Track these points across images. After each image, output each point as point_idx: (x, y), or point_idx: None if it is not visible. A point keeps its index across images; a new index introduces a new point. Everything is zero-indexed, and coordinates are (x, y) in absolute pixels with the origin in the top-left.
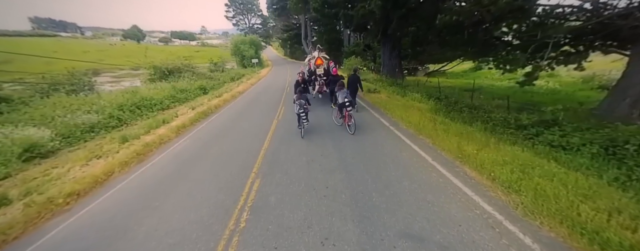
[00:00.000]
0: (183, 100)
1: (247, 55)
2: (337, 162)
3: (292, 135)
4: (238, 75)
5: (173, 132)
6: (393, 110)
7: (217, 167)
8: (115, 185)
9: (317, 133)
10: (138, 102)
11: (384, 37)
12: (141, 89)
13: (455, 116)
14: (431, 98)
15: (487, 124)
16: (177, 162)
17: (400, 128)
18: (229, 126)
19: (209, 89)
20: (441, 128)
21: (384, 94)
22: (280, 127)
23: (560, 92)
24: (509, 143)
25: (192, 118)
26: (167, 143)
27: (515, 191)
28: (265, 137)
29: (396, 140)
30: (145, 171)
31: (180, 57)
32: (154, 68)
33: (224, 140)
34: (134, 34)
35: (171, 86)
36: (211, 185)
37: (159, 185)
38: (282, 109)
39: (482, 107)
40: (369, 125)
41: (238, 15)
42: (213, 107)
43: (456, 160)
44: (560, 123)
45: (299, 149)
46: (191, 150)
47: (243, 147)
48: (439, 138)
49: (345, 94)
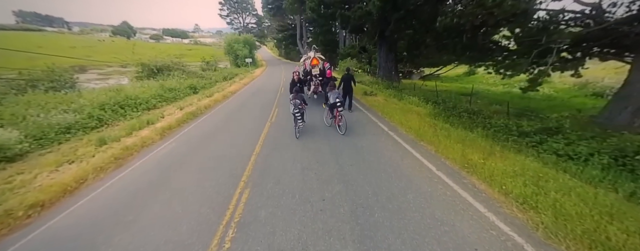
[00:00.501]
0: (171, 99)
1: (240, 54)
2: (334, 170)
3: (286, 139)
4: (231, 74)
5: (157, 134)
6: (391, 114)
7: (203, 174)
8: (87, 194)
9: (313, 137)
10: (122, 101)
11: (380, 39)
12: (126, 87)
13: (454, 121)
14: (429, 102)
15: (488, 130)
16: (159, 168)
17: (400, 134)
18: (219, 128)
19: (200, 89)
20: (442, 134)
21: (381, 97)
22: (274, 130)
23: (556, 98)
24: (513, 151)
25: (179, 119)
26: (150, 147)
27: (532, 208)
28: (257, 140)
29: (396, 146)
30: (122, 178)
31: (171, 55)
32: (141, 65)
33: (212, 143)
34: (124, 31)
35: (159, 85)
36: (195, 195)
37: (136, 195)
38: (276, 111)
39: (480, 112)
40: (368, 129)
41: (232, 14)
42: (203, 108)
43: (462, 170)
44: (564, 131)
45: (293, 155)
46: (176, 155)
47: (232, 152)
48: (441, 145)
49: (336, 95)
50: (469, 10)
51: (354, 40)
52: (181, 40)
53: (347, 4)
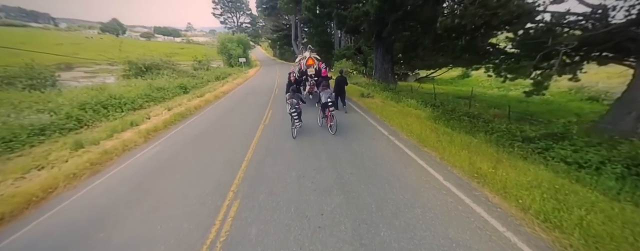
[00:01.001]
0: (159, 99)
1: (234, 54)
2: (333, 179)
3: (280, 143)
4: (224, 74)
5: (141, 136)
6: (391, 117)
7: (188, 182)
8: (55, 205)
9: (309, 141)
10: (105, 100)
11: (377, 40)
12: (110, 86)
13: (455, 125)
14: (427, 105)
15: (490, 135)
16: (139, 175)
17: (401, 139)
18: (209, 131)
19: (191, 88)
20: (445, 139)
21: (378, 99)
22: (267, 133)
23: (553, 102)
24: (519, 158)
25: (166, 120)
26: (132, 150)
27: (556, 227)
28: (249, 144)
29: (398, 152)
30: (97, 186)
31: (161, 54)
32: (129, 63)
33: (200, 147)
34: (114, 28)
35: (147, 83)
36: (177, 208)
37: (110, 207)
38: (270, 112)
39: (480, 116)
40: (367, 133)
41: (226, 13)
42: (192, 108)
43: (472, 180)
44: (570, 137)
45: (287, 161)
46: (159, 160)
47: (222, 157)
48: (446, 151)
49: (328, 94)
50: (471, 10)
51: (350, 41)
52: (173, 38)
53: (343, 4)
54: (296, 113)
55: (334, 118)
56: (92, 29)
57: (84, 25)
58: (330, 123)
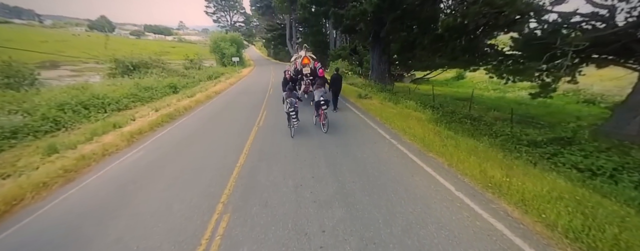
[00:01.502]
0: (146, 99)
1: (227, 53)
2: (334, 189)
3: (276, 147)
4: (216, 73)
5: (124, 139)
6: (391, 119)
7: (172, 193)
8: (16, 221)
9: (306, 145)
10: (86, 100)
11: (374, 40)
12: (93, 85)
13: (457, 128)
14: (427, 107)
15: (494, 139)
16: (118, 184)
17: (404, 142)
18: (198, 133)
19: (181, 88)
20: (450, 143)
21: (376, 100)
22: (262, 136)
23: (551, 105)
24: (529, 164)
25: (153, 122)
26: (113, 155)
27: (590, 248)
28: (241, 148)
29: (403, 158)
30: (69, 198)
31: (151, 52)
32: (115, 61)
33: (188, 152)
34: (102, 25)
35: (133, 83)
36: (157, 224)
37: (82, 224)
38: (265, 113)
39: (481, 118)
40: (367, 136)
41: (219, 12)
42: (182, 109)
43: (486, 191)
44: (577, 141)
45: (283, 167)
46: (142, 166)
47: (212, 163)
48: (453, 157)
49: (321, 93)
50: (474, 9)
51: (345, 42)
52: (164, 37)
53: (340, 3)
54: (294, 112)
55: (326, 117)
56: (79, 26)
57: (71, 22)
58: (323, 122)
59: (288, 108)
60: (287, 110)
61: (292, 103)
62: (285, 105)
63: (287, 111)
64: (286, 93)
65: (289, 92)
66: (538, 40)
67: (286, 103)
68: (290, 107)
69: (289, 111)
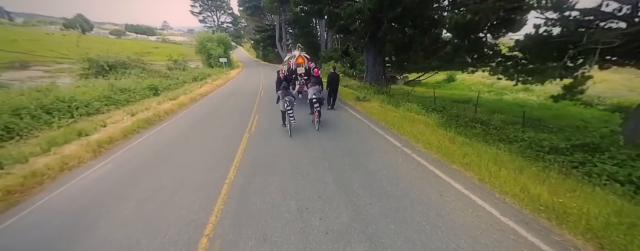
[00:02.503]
0: (122, 102)
1: (214, 54)
2: (349, 214)
3: (272, 157)
4: (202, 75)
5: (90, 149)
6: (397, 124)
7: (142, 223)
8: None
9: (307, 155)
10: (49, 103)
11: (370, 41)
12: (60, 87)
13: (468, 133)
14: (430, 110)
15: (511, 145)
16: (72, 210)
17: (419, 152)
18: (180, 141)
19: (163, 90)
20: (470, 152)
21: (376, 103)
22: (254, 144)
23: (551, 107)
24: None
25: (127, 128)
26: (73, 170)
27: None
28: (231, 160)
29: (423, 171)
30: (7, 230)
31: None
32: (88, 61)
33: (166, 165)
34: (79, 24)
35: (108, 84)
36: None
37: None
38: (256, 118)
39: (489, 122)
40: (375, 144)
41: (205, 12)
42: (162, 113)
43: (539, 216)
44: (605, 148)
45: (282, 183)
46: (108, 185)
47: (195, 180)
48: (482, 170)
49: (314, 91)
50: (489, 4)
51: (336, 43)
52: (147, 37)
53: (336, 1)
54: (291, 111)
55: (320, 115)
56: (53, 25)
57: (44, 20)
58: (316, 120)
59: (285, 106)
60: (284, 108)
61: (291, 102)
62: (281, 103)
63: (284, 110)
64: (281, 92)
65: (285, 90)
66: (558, 37)
67: (282, 102)
68: (288, 105)
69: (286, 109)
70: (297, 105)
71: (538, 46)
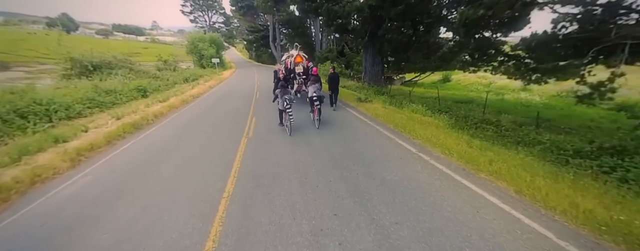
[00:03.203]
0: (107, 104)
1: (206, 54)
2: (374, 237)
3: (274, 166)
4: (194, 75)
5: (67, 158)
6: (407, 127)
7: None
8: None
9: (314, 161)
10: (24, 106)
11: (370, 40)
12: (38, 88)
13: (482, 136)
14: (436, 112)
15: (531, 148)
16: (42, 234)
17: (438, 158)
18: (171, 148)
19: (152, 91)
20: (494, 158)
21: (379, 104)
22: (253, 150)
23: (555, 107)
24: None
25: (111, 133)
26: (46, 183)
27: None
28: (228, 169)
29: (449, 181)
30: None
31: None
32: (71, 61)
33: (154, 177)
34: (64, 23)
35: (92, 85)
36: None
37: None
38: (253, 121)
39: (499, 123)
40: (389, 150)
41: (196, 11)
42: (151, 116)
43: (601, 238)
44: (633, 151)
45: (290, 198)
46: (84, 202)
47: (187, 195)
48: (515, 179)
49: (314, 89)
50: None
51: (332, 44)
52: (136, 37)
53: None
54: (291, 109)
55: (320, 113)
56: (36, 24)
57: (27, 19)
58: (316, 118)
59: (284, 105)
60: (283, 107)
61: (290, 100)
62: (280, 102)
63: (283, 108)
64: (280, 90)
65: (283, 89)
66: (577, 33)
67: (281, 100)
68: (287, 104)
69: (285, 108)
70: (296, 104)
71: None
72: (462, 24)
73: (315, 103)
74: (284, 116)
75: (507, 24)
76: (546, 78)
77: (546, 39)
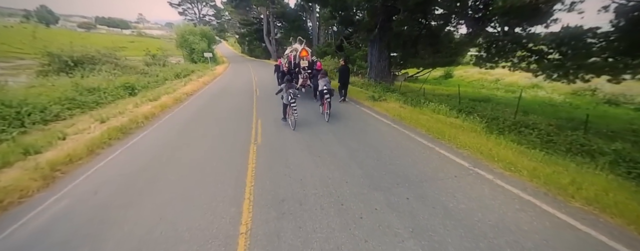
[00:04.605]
0: (90, 105)
1: (197, 48)
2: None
3: (297, 184)
4: (186, 71)
5: (38, 176)
6: (442, 132)
7: None
8: None
9: (347, 179)
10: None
11: (380, 33)
12: (8, 87)
13: (526, 142)
14: (460, 112)
15: (594, 159)
16: None
17: (503, 176)
18: (165, 159)
19: (140, 89)
20: (577, 177)
21: (395, 103)
22: (267, 162)
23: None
24: None
25: (94, 141)
26: (9, 211)
27: None
28: (240, 190)
29: (542, 216)
30: None
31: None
32: (48, 56)
33: (146, 202)
34: (42, 16)
35: (72, 83)
36: None
37: None
38: (259, 123)
39: (537, 126)
40: (435, 164)
41: (185, 3)
42: (141, 118)
43: None
44: None
45: (330, 236)
46: (58, 240)
47: (191, 230)
48: (621, 209)
49: (325, 82)
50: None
51: (330, 38)
52: (121, 30)
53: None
54: (295, 104)
55: (330, 107)
56: (12, 17)
57: (2, 12)
58: (327, 111)
59: (288, 99)
60: (288, 101)
61: (295, 95)
62: (285, 96)
63: (287, 102)
64: (286, 84)
65: (289, 83)
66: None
67: (286, 94)
68: (291, 98)
69: (290, 102)
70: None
71: (593, 38)
72: (505, 11)
73: (326, 97)
74: (288, 110)
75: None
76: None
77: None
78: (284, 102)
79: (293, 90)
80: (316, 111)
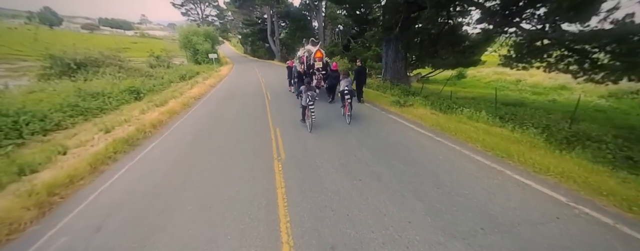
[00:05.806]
0: (93, 111)
1: (201, 49)
2: None
3: (345, 222)
4: (190, 72)
5: (33, 204)
6: (505, 149)
7: None
8: None
9: (407, 217)
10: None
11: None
12: (7, 93)
13: (602, 159)
14: (501, 120)
15: None
16: None
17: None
18: (178, 181)
19: (146, 92)
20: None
21: (423, 109)
22: (299, 187)
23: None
24: None
25: (97, 155)
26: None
27: None
28: (273, 230)
29: None
30: None
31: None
32: (50, 58)
33: (161, 239)
34: (46, 18)
35: (75, 87)
36: None
37: None
38: (279, 133)
39: (600, 138)
40: (521, 196)
41: (188, 4)
42: (148, 127)
43: None
44: None
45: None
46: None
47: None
48: None
49: (346, 83)
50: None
51: (336, 38)
52: (124, 31)
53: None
54: (313, 106)
55: (351, 108)
56: (16, 18)
57: (6, 13)
58: (348, 113)
59: (307, 101)
60: (306, 103)
61: (313, 97)
62: (304, 98)
63: (306, 104)
64: (305, 87)
65: (308, 85)
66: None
67: (304, 96)
68: (310, 100)
69: (308, 104)
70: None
71: None
72: (567, 6)
73: (347, 98)
74: (307, 112)
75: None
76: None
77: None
78: (303, 103)
79: (311, 92)
80: (334, 113)
